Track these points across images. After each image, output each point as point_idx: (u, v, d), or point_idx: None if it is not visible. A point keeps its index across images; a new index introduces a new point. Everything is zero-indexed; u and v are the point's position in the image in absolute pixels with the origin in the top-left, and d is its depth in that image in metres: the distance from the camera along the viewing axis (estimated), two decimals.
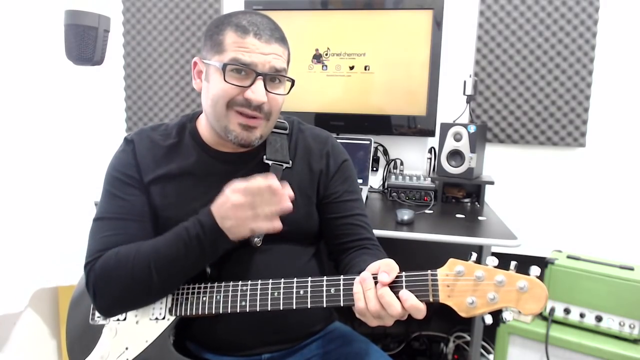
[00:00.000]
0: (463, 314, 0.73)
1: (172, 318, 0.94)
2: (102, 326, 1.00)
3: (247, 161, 1.02)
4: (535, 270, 0.71)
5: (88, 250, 0.95)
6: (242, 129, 0.93)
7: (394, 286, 0.76)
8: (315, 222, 1.05)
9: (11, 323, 1.79)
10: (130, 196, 0.98)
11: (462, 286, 0.73)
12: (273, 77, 0.93)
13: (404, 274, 0.77)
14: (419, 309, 0.74)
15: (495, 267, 0.73)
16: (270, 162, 1.01)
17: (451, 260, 0.75)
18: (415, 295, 0.75)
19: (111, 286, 0.90)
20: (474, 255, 0.75)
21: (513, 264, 0.72)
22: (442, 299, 0.74)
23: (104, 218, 0.97)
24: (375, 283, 0.76)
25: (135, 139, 1.03)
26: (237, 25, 0.91)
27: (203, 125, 1.03)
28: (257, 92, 0.90)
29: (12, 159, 1.75)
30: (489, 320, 0.72)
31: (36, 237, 1.77)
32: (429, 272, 0.76)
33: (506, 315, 0.71)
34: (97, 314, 1.01)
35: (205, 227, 0.87)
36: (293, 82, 0.97)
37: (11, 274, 1.70)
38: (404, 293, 0.74)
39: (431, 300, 0.75)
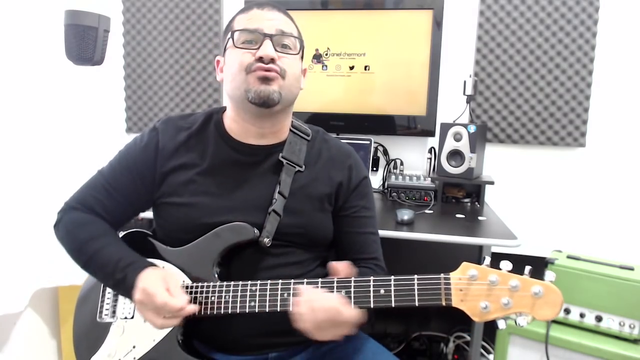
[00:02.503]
0: (476, 319, 0.72)
1: None
2: (109, 324, 1.00)
3: (266, 155, 1.03)
4: (550, 275, 0.70)
5: (77, 192, 1.05)
6: (261, 82, 0.95)
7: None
8: (328, 230, 1.05)
9: (11, 323, 1.79)
10: (131, 183, 1.03)
11: (476, 290, 0.72)
12: (281, 39, 0.97)
13: (415, 276, 0.77)
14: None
15: (509, 271, 0.72)
16: (284, 161, 1.02)
17: (464, 264, 0.74)
18: (428, 299, 0.75)
19: (64, 242, 1.02)
20: (488, 259, 0.74)
21: (527, 268, 0.72)
22: (455, 302, 0.74)
23: (105, 178, 1.04)
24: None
25: (160, 127, 1.05)
26: (242, 11, 1.00)
27: (229, 117, 1.06)
28: (264, 48, 0.94)
29: (12, 158, 1.75)
30: (502, 325, 0.72)
31: (36, 237, 1.77)
32: (442, 275, 0.76)
33: (520, 320, 0.70)
34: (104, 312, 1.02)
35: (125, 282, 0.92)
36: (302, 44, 1.02)
37: (11, 274, 1.70)
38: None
39: (444, 303, 0.74)
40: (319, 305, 0.80)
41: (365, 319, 0.83)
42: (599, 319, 1.50)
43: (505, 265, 0.73)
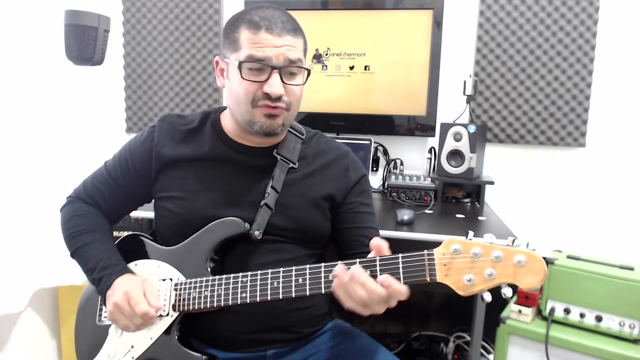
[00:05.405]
0: (461, 292, 0.72)
1: (176, 314, 0.94)
2: (108, 326, 1.01)
3: (262, 154, 1.04)
4: (532, 244, 0.71)
5: (84, 183, 1.11)
6: (267, 118, 0.96)
7: (383, 269, 0.76)
8: (322, 228, 1.06)
9: (11, 323, 1.79)
10: (130, 178, 1.07)
11: (459, 264, 0.72)
12: (288, 69, 0.95)
13: (400, 255, 0.77)
14: (400, 292, 0.74)
15: (492, 243, 0.72)
16: (278, 157, 1.04)
17: (448, 239, 0.75)
18: (413, 276, 0.75)
19: (62, 228, 1.08)
20: (471, 234, 0.75)
21: (510, 238, 0.72)
22: (440, 278, 0.74)
23: (107, 170, 1.09)
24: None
25: (158, 124, 1.07)
26: (249, 22, 0.94)
27: (227, 118, 1.06)
28: (273, 85, 0.93)
29: (12, 158, 1.75)
30: (488, 297, 0.71)
31: (36, 237, 1.77)
32: (425, 252, 0.76)
33: (505, 291, 0.70)
34: (103, 314, 1.03)
35: (100, 283, 0.97)
36: (309, 71, 0.99)
37: (11, 274, 1.70)
38: (384, 278, 0.74)
39: (428, 280, 0.74)
40: (352, 289, 0.77)
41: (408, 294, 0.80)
42: (599, 319, 1.50)
43: (489, 237, 0.73)
